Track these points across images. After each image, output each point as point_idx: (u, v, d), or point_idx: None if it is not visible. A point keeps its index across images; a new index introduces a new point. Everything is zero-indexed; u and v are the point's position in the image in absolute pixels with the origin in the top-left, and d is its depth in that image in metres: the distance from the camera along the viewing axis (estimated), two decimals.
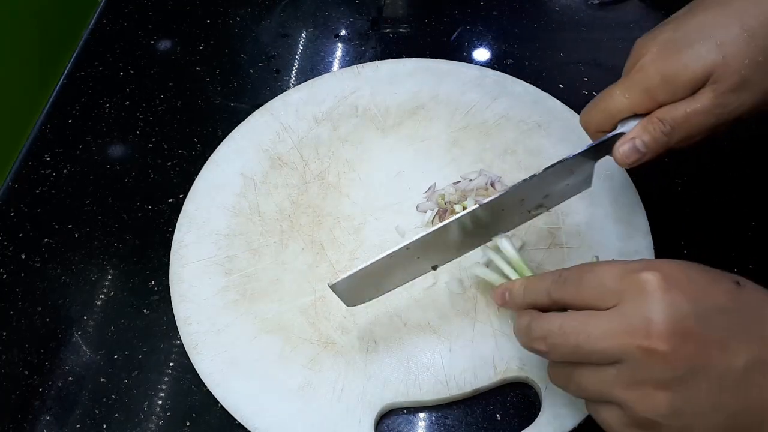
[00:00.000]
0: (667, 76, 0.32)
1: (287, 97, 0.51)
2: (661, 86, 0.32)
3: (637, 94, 0.33)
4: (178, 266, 0.43)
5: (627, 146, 0.33)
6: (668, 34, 0.32)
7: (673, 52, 0.32)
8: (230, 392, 0.38)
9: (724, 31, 0.31)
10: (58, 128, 0.53)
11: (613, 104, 0.34)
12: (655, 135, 0.32)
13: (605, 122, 0.34)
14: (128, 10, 0.61)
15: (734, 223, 0.44)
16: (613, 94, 0.34)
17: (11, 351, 0.41)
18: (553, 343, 0.28)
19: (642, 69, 0.33)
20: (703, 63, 0.31)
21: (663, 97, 0.32)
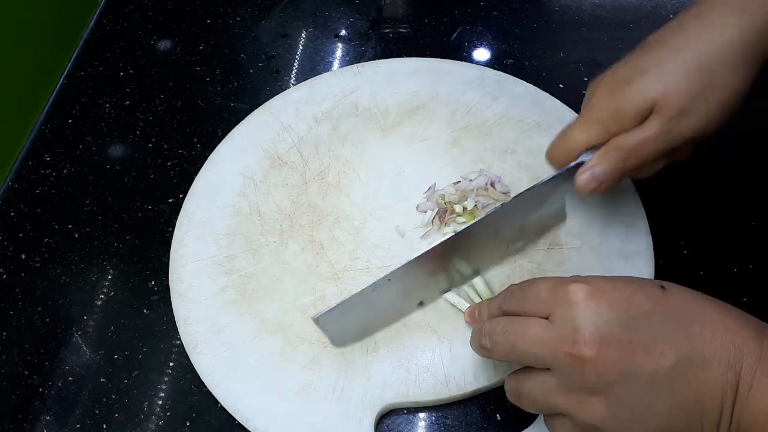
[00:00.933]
0: (615, 109, 0.35)
1: (287, 96, 0.51)
2: (611, 119, 0.35)
3: (591, 127, 0.36)
4: (177, 266, 0.43)
5: (586, 175, 0.36)
6: (613, 73, 0.36)
7: (619, 87, 0.35)
8: (230, 392, 0.38)
9: (664, 66, 0.34)
10: (58, 128, 0.53)
11: (572, 140, 0.37)
12: (610, 163, 0.35)
13: (567, 157, 0.37)
14: (128, 10, 0.61)
15: (734, 223, 0.44)
16: (571, 130, 0.37)
17: (11, 351, 0.41)
18: (495, 341, 0.31)
19: (594, 106, 0.36)
20: (646, 95, 0.34)
21: (614, 128, 0.35)
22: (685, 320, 0.27)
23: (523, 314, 0.31)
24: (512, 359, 0.31)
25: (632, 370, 0.26)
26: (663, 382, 0.26)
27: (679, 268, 0.42)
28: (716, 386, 0.26)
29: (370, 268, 0.42)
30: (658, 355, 0.26)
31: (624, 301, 0.28)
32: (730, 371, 0.26)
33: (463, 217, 0.43)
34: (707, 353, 0.26)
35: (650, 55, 0.35)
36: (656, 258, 0.41)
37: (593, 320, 0.27)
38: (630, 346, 0.26)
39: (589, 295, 0.28)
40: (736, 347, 0.26)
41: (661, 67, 0.34)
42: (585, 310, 0.27)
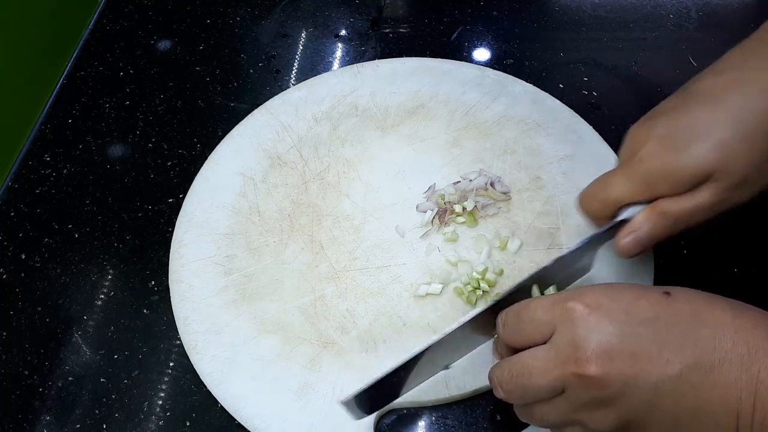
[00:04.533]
0: (668, 172, 0.32)
1: (287, 96, 0.51)
2: (662, 180, 0.32)
3: (636, 184, 0.33)
4: (177, 266, 0.43)
5: (629, 239, 0.34)
6: (665, 128, 0.33)
7: (673, 148, 0.32)
8: (230, 392, 0.38)
9: (723, 131, 0.31)
10: (58, 128, 0.53)
11: (612, 192, 0.34)
12: (656, 229, 0.33)
13: (605, 210, 0.35)
14: (128, 10, 0.61)
15: (734, 223, 0.44)
16: (613, 182, 0.34)
17: (11, 351, 0.41)
18: (508, 390, 0.30)
19: (642, 161, 0.33)
20: (705, 163, 0.31)
21: (663, 190, 0.33)
22: (693, 324, 0.26)
23: (525, 341, 0.29)
24: (529, 401, 0.30)
25: (637, 381, 0.26)
26: (669, 389, 0.26)
27: (678, 268, 0.42)
28: (727, 390, 0.25)
29: (369, 267, 0.42)
30: (663, 363, 0.26)
31: (623, 311, 0.27)
32: (744, 374, 0.25)
33: (462, 217, 0.43)
34: (716, 357, 0.25)
35: (708, 110, 0.32)
36: (656, 258, 0.41)
37: (593, 336, 0.27)
38: (633, 357, 0.26)
39: (587, 310, 0.27)
40: (750, 348, 0.25)
41: (720, 130, 0.31)
42: (584, 326, 0.27)
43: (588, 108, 0.50)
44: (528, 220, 0.43)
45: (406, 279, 0.41)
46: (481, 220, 0.43)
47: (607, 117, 0.50)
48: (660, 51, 0.54)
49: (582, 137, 0.47)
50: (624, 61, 0.54)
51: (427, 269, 0.41)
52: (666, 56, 0.54)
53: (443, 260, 0.42)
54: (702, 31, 0.56)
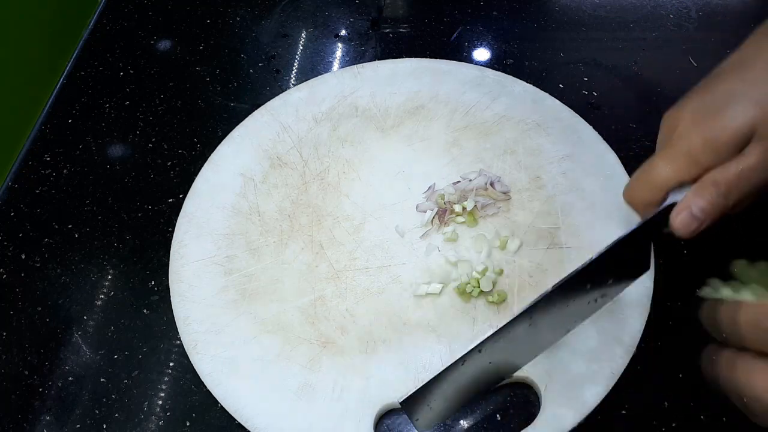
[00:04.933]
0: (709, 138, 0.31)
1: (287, 96, 0.51)
2: (704, 149, 0.31)
3: (680, 161, 0.32)
4: (177, 266, 0.43)
5: (685, 214, 0.32)
6: (699, 101, 0.32)
7: (709, 115, 0.31)
8: (230, 392, 0.38)
9: (757, 90, 0.31)
10: (58, 128, 0.53)
11: (657, 176, 0.33)
12: (711, 199, 0.32)
13: (652, 195, 0.34)
14: (128, 10, 0.61)
15: (734, 224, 0.44)
16: (656, 165, 0.33)
17: (11, 351, 0.41)
18: None
19: (681, 137, 0.32)
20: (743, 119, 0.31)
21: (707, 160, 0.32)
22: None
23: None
24: None
25: None
26: None
27: (678, 268, 0.42)
28: None
29: (369, 267, 0.42)
30: None
31: None
32: None
33: (462, 217, 0.43)
34: None
35: (739, 77, 0.32)
36: (656, 258, 0.41)
37: None
38: None
39: None
40: None
41: (756, 87, 0.31)
42: None
43: (588, 108, 0.50)
44: (528, 220, 0.43)
45: (406, 279, 0.41)
46: (480, 219, 0.43)
47: (607, 117, 0.50)
48: (660, 51, 0.54)
49: (582, 137, 0.47)
50: (624, 61, 0.54)
51: (427, 269, 0.41)
52: (666, 56, 0.54)
53: (443, 260, 0.42)
54: (702, 31, 0.56)
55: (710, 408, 0.37)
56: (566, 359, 0.37)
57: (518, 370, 0.36)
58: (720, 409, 0.37)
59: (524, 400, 0.37)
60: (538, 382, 0.37)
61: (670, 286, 0.40)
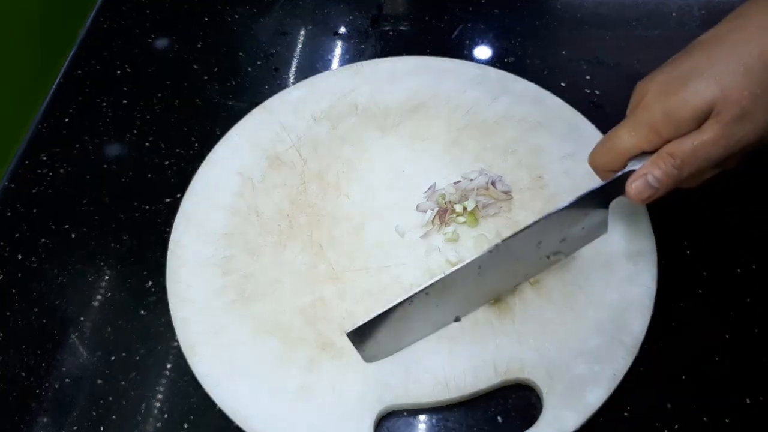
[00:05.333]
0: (670, 112, 0.33)
1: (286, 95, 0.51)
2: (665, 122, 0.33)
3: (642, 131, 0.34)
4: (175, 266, 0.43)
5: (639, 182, 0.34)
6: (666, 74, 0.34)
7: (673, 88, 0.33)
8: (228, 394, 0.37)
9: (721, 67, 0.32)
10: (55, 127, 0.52)
11: (619, 143, 0.35)
12: (666, 169, 0.33)
13: (613, 162, 0.35)
14: (126, 8, 0.61)
15: (737, 224, 0.43)
16: (619, 134, 0.35)
17: (8, 352, 0.41)
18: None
19: (645, 107, 0.34)
20: (703, 96, 0.32)
21: (667, 132, 0.33)
22: None
23: None
24: None
25: None
26: None
27: (682, 268, 0.41)
28: None
29: (369, 268, 0.42)
30: None
31: None
32: None
33: (463, 217, 0.43)
34: None
35: (706, 54, 0.33)
36: (659, 258, 0.41)
37: None
38: None
39: None
40: None
41: (719, 66, 0.32)
42: None
43: (590, 106, 0.50)
44: (529, 220, 0.42)
45: (406, 279, 0.41)
46: (482, 219, 0.43)
47: (609, 115, 0.49)
48: (662, 49, 0.53)
49: (584, 136, 0.47)
50: (626, 60, 0.53)
51: (427, 269, 0.41)
52: (668, 54, 0.53)
53: (443, 260, 0.41)
54: (704, 29, 0.54)
55: (713, 410, 0.37)
56: (568, 361, 0.37)
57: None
58: (723, 411, 0.36)
59: (526, 402, 0.37)
60: (539, 383, 0.36)
61: (672, 287, 0.40)
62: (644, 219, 0.42)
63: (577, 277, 0.40)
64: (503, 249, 0.35)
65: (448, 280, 0.35)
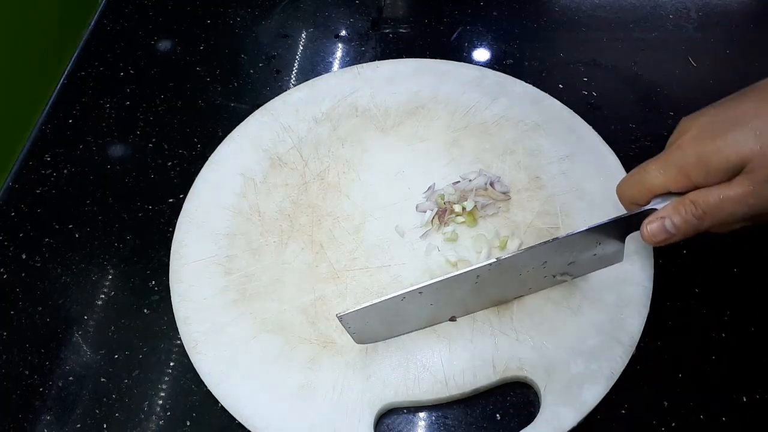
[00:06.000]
0: (703, 157, 0.31)
1: (287, 97, 0.52)
2: (696, 167, 0.32)
3: (671, 171, 0.33)
4: (178, 266, 0.43)
5: (656, 225, 0.33)
6: (711, 116, 0.33)
7: (711, 134, 0.32)
8: (230, 392, 0.38)
9: (763, 122, 0.30)
10: (59, 128, 0.53)
11: (647, 179, 0.34)
12: (686, 217, 0.32)
13: (639, 196, 0.35)
14: (128, 10, 0.61)
15: None
16: (649, 169, 0.34)
17: (12, 351, 0.41)
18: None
19: (680, 147, 0.33)
20: (739, 149, 0.30)
21: (697, 177, 0.32)
22: None
23: None
24: None
25: None
26: None
27: (678, 268, 0.42)
28: None
29: (369, 267, 0.42)
30: None
31: None
32: None
33: (462, 217, 0.43)
34: None
35: (755, 103, 0.31)
36: (656, 258, 0.41)
37: None
38: None
39: None
40: None
41: (760, 120, 0.30)
42: None
43: (588, 108, 0.50)
44: (527, 220, 0.43)
45: (406, 279, 0.41)
46: (480, 219, 0.44)
47: (606, 117, 0.50)
48: (660, 51, 0.54)
49: (581, 137, 0.47)
50: (624, 62, 0.54)
51: (427, 269, 0.42)
52: (665, 56, 0.54)
53: (443, 260, 0.42)
54: (701, 32, 0.56)
55: (710, 408, 0.37)
56: (566, 359, 0.37)
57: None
58: (720, 408, 0.37)
59: (524, 400, 0.37)
60: (538, 381, 0.37)
61: (669, 286, 0.41)
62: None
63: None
64: (505, 264, 0.35)
65: (443, 284, 0.35)
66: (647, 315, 0.39)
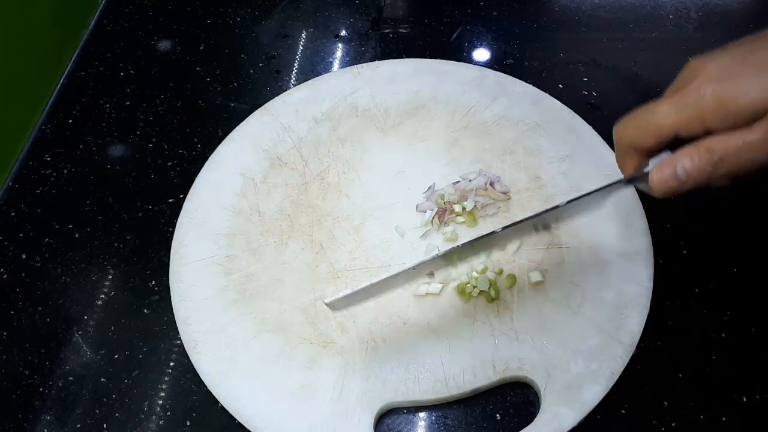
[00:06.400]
0: (724, 100, 0.29)
1: (287, 97, 0.52)
2: (715, 110, 0.29)
3: (685, 113, 0.30)
4: (178, 266, 0.43)
5: (667, 171, 0.31)
6: (731, 57, 0.30)
7: (734, 75, 0.29)
8: (230, 392, 0.38)
9: None
10: (59, 128, 0.53)
11: (655, 120, 0.31)
12: (699, 164, 0.30)
13: (643, 138, 0.32)
14: (128, 10, 0.61)
15: (733, 222, 0.44)
16: (658, 110, 0.31)
17: (12, 351, 0.41)
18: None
19: (696, 89, 0.30)
20: (765, 94, 0.28)
21: (713, 122, 0.30)
22: None
23: None
24: None
25: None
26: None
27: (678, 268, 0.42)
28: None
29: (369, 267, 0.42)
30: None
31: None
32: None
33: (462, 217, 0.43)
34: None
35: None
36: (656, 258, 0.41)
37: None
38: None
39: None
40: None
41: None
42: None
43: (588, 108, 0.50)
44: None
45: None
46: (480, 219, 0.44)
47: (606, 117, 0.50)
48: (660, 51, 0.54)
49: (581, 137, 0.47)
50: (624, 62, 0.54)
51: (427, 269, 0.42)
52: (666, 56, 0.54)
53: None
54: (701, 32, 0.56)
55: (709, 408, 0.37)
56: (566, 359, 0.37)
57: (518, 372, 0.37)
58: (720, 408, 0.37)
59: (524, 400, 0.37)
60: (538, 381, 0.37)
61: (669, 286, 0.41)
62: (641, 218, 0.42)
63: (574, 276, 0.40)
64: (499, 233, 0.36)
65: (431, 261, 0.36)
66: (647, 315, 0.39)
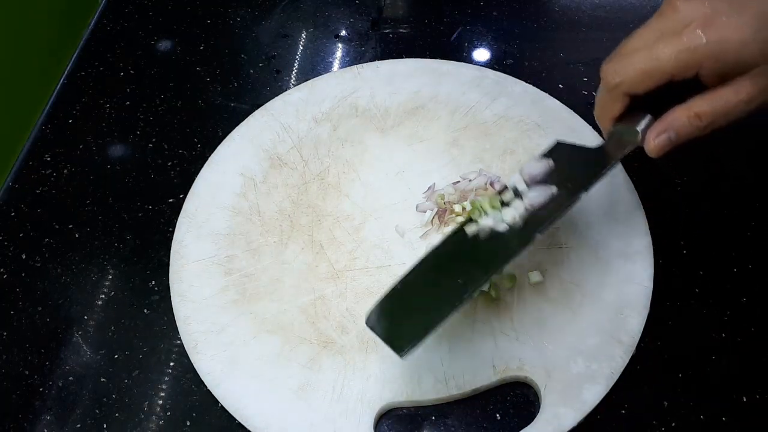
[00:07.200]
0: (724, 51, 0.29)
1: (287, 97, 0.52)
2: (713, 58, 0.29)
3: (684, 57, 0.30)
4: (178, 266, 0.43)
5: (662, 138, 0.32)
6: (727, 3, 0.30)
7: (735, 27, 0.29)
8: (230, 392, 0.38)
9: None
10: (59, 128, 0.53)
11: (660, 64, 0.31)
12: (690, 129, 0.31)
13: (645, 82, 0.32)
14: (128, 10, 0.61)
15: (733, 223, 0.44)
16: (660, 54, 0.31)
17: (12, 351, 0.41)
18: None
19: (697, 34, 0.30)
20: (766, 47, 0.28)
21: (708, 69, 0.30)
22: None
23: None
24: None
25: None
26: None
27: (678, 267, 0.42)
28: None
29: (369, 268, 0.42)
30: None
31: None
32: None
33: (462, 217, 0.43)
34: None
35: None
36: (656, 257, 0.41)
37: None
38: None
39: None
40: None
41: None
42: None
43: (588, 108, 0.50)
44: None
45: None
46: None
47: None
48: None
49: (582, 137, 0.47)
50: None
51: None
52: None
53: None
54: None
55: (710, 408, 0.37)
56: (566, 359, 0.37)
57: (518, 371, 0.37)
58: (720, 408, 0.37)
59: (524, 400, 0.37)
60: (537, 381, 0.37)
61: (669, 285, 0.41)
62: (641, 218, 0.42)
63: (575, 276, 0.40)
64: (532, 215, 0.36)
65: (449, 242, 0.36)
66: (647, 315, 0.39)
